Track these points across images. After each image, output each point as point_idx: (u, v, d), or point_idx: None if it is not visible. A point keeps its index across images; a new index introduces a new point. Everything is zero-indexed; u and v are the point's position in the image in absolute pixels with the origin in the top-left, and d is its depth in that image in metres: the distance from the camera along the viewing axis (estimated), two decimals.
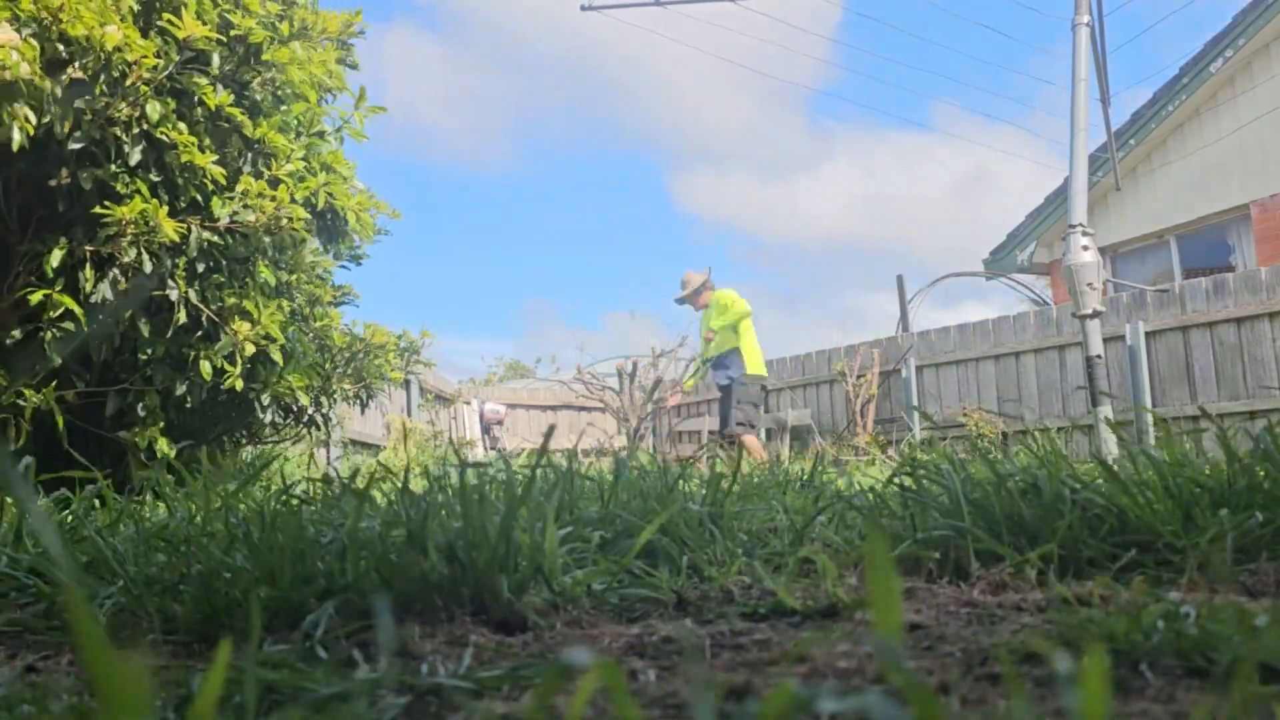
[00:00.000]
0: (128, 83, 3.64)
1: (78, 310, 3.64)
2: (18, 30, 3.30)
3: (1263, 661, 0.86)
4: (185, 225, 3.86)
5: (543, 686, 0.52)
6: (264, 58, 4.17)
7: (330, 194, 4.41)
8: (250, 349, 3.98)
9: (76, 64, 3.53)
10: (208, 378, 3.90)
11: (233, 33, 4.05)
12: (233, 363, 3.99)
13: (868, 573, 0.56)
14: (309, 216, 4.21)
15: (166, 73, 3.78)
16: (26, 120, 3.27)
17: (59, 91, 3.44)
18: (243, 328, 3.97)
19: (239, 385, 3.99)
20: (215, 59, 3.96)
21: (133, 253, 3.65)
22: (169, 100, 3.81)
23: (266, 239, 4.02)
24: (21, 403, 3.61)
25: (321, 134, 4.65)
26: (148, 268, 3.71)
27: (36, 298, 3.60)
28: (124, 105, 3.65)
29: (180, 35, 3.78)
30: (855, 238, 70.64)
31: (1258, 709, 0.75)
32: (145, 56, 3.62)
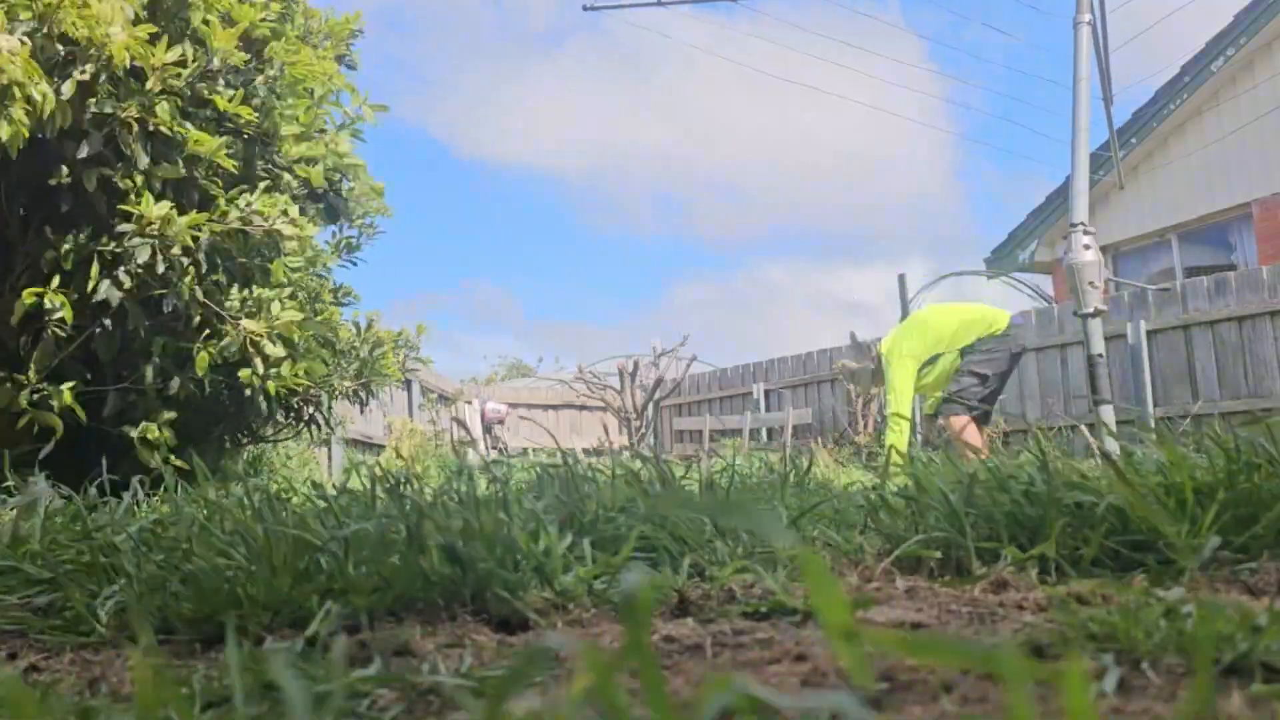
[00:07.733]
0: (134, 84, 3.64)
1: (70, 308, 3.64)
2: (11, 32, 3.30)
3: (1264, 661, 0.86)
4: (197, 225, 3.86)
5: (502, 682, 0.45)
6: (268, 53, 4.18)
7: (337, 154, 4.45)
8: (251, 348, 3.98)
9: (80, 66, 3.53)
10: (201, 372, 3.90)
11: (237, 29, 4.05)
12: (235, 361, 3.99)
13: (806, 583, 0.54)
14: (316, 188, 4.24)
15: (188, 79, 3.78)
16: (21, 123, 3.25)
17: (66, 90, 3.42)
18: (247, 326, 3.97)
19: (247, 378, 3.99)
20: (217, 60, 3.96)
21: (147, 252, 3.64)
22: (177, 99, 3.81)
23: (277, 227, 4.01)
24: (35, 403, 3.61)
25: (323, 130, 4.66)
26: (160, 268, 3.70)
27: (34, 297, 3.60)
28: (133, 106, 3.65)
29: (214, 45, 3.79)
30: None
31: (1258, 708, 0.75)
32: (156, 59, 3.62)
